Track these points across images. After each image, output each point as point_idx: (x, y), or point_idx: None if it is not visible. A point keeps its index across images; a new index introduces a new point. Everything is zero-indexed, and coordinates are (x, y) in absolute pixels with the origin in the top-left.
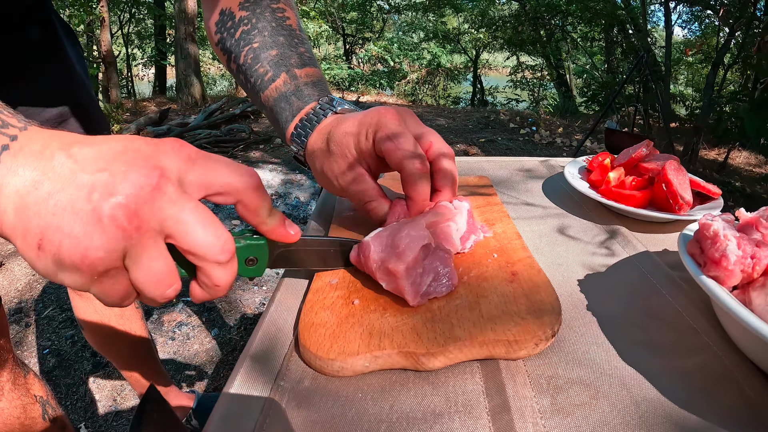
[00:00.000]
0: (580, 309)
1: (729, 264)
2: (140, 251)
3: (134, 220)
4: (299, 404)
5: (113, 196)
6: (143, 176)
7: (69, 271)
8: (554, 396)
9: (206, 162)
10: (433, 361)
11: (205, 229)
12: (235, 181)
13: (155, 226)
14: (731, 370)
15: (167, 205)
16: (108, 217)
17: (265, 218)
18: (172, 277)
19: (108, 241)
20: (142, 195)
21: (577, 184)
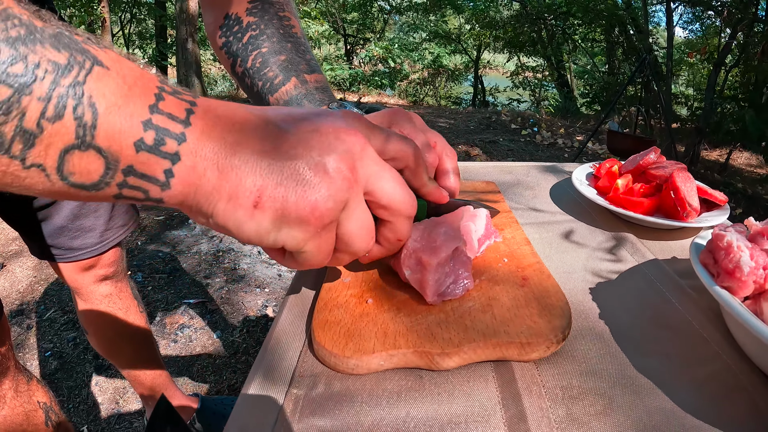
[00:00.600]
0: (590, 318)
1: (743, 275)
2: (357, 203)
3: (354, 171)
4: (313, 412)
5: (334, 152)
6: (353, 137)
7: (293, 225)
8: (569, 406)
9: (381, 132)
10: (448, 361)
11: (401, 186)
12: (405, 148)
13: (363, 180)
14: (741, 379)
15: (372, 163)
16: (334, 169)
17: (426, 181)
18: (373, 229)
19: (337, 191)
20: (356, 152)
21: (585, 191)
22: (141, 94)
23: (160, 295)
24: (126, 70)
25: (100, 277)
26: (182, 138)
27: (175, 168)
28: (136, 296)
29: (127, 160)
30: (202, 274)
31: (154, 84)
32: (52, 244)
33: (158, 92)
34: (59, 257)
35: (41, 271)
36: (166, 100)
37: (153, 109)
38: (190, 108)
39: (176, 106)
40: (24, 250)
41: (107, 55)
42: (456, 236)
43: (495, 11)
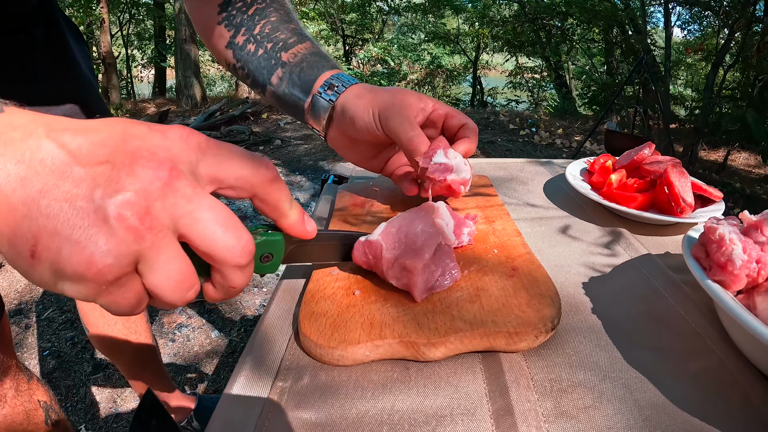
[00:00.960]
0: (582, 312)
1: (735, 269)
2: (156, 254)
3: (146, 219)
4: (298, 404)
5: (120, 193)
6: (152, 169)
7: (71, 281)
8: (558, 399)
9: (218, 152)
10: (434, 351)
11: (225, 229)
12: (250, 174)
13: (169, 224)
14: (735, 374)
15: (181, 202)
16: (115, 217)
17: (286, 212)
18: (191, 279)
19: (117, 244)
20: (153, 191)
21: (579, 186)
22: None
23: None
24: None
25: None
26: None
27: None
28: None
29: None
30: None
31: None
32: None
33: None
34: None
35: None
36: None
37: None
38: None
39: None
40: None
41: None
42: (435, 231)
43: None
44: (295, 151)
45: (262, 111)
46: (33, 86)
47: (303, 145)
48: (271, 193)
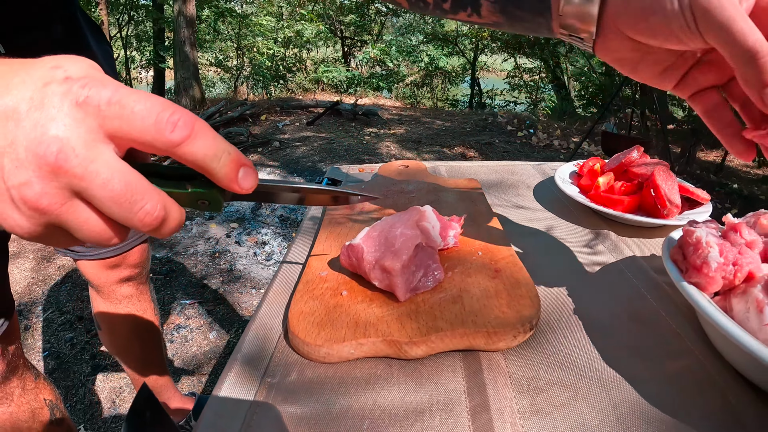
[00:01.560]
0: (564, 312)
1: (710, 271)
2: (65, 221)
3: (43, 199)
4: (285, 399)
5: (18, 177)
6: (40, 153)
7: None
8: (534, 397)
9: (120, 113)
10: (415, 349)
11: (119, 205)
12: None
13: (67, 196)
14: (713, 374)
15: (74, 180)
16: (18, 199)
17: (212, 170)
18: (110, 230)
19: (28, 219)
20: (44, 174)
21: (567, 189)
22: None
23: (157, 296)
24: None
25: (123, 278)
26: None
27: None
28: (154, 299)
29: None
30: (198, 275)
31: None
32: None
33: None
34: (82, 254)
35: (39, 272)
36: None
37: None
38: None
39: None
40: (22, 251)
41: None
42: (414, 234)
43: None
44: (293, 153)
45: (261, 113)
46: None
47: (301, 147)
48: (184, 155)
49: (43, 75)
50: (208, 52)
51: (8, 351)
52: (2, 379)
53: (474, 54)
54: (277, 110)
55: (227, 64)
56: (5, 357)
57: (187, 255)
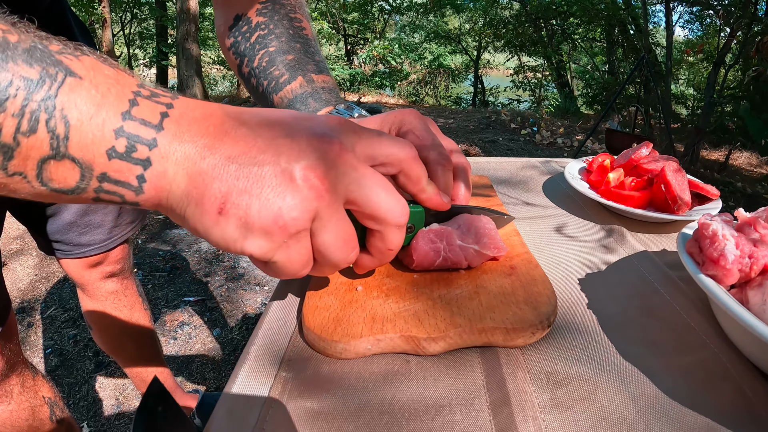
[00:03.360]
0: (579, 307)
1: (727, 263)
2: (330, 213)
3: (325, 181)
4: (301, 394)
5: (303, 159)
6: (326, 143)
7: (256, 235)
8: (553, 391)
9: (370, 135)
10: (434, 345)
11: (386, 192)
12: (397, 152)
13: (341, 189)
14: (728, 367)
15: (350, 170)
16: (301, 177)
17: (425, 186)
18: (355, 240)
19: (302, 200)
20: (329, 159)
21: (577, 185)
22: (115, 101)
23: (160, 293)
24: (100, 78)
25: (106, 274)
26: (153, 143)
27: (146, 173)
28: (141, 294)
29: (100, 168)
30: (201, 273)
31: (130, 89)
32: (61, 240)
33: (133, 97)
34: (67, 253)
35: (42, 270)
36: (140, 105)
37: (126, 116)
38: (166, 111)
39: (150, 110)
40: (25, 248)
41: (82, 64)
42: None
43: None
44: None
45: None
46: None
47: None
48: (414, 169)
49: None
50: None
51: (6, 349)
52: (1, 377)
53: (477, 52)
54: None
55: None
56: (4, 355)
57: (190, 252)
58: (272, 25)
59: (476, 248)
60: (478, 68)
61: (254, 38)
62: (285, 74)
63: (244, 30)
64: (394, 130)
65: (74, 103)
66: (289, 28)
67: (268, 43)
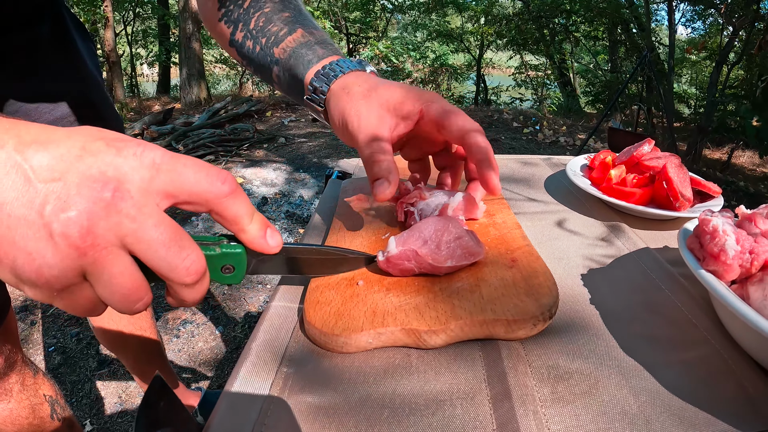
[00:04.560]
0: (580, 302)
1: (727, 258)
2: (100, 269)
3: (88, 237)
4: (302, 389)
5: (65, 212)
6: (96, 190)
7: (28, 285)
8: (554, 385)
9: (173, 167)
10: (435, 338)
11: (167, 249)
12: (203, 190)
13: (114, 241)
14: (729, 363)
15: (125, 221)
16: (59, 234)
17: (244, 227)
18: (139, 291)
19: (62, 259)
20: (96, 210)
21: (579, 181)
22: None
23: (162, 291)
24: None
25: None
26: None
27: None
28: None
29: None
30: None
31: None
32: None
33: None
34: None
35: None
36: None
37: None
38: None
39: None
40: None
41: None
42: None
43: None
44: (299, 148)
45: (266, 109)
46: (39, 82)
47: (307, 143)
48: (227, 208)
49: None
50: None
51: (5, 347)
52: (1, 375)
53: (479, 51)
54: (282, 106)
55: (233, 60)
56: (2, 353)
57: None
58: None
59: (451, 263)
60: (481, 67)
61: (247, 4)
62: (284, 28)
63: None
64: (418, 104)
65: None
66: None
67: (263, 6)
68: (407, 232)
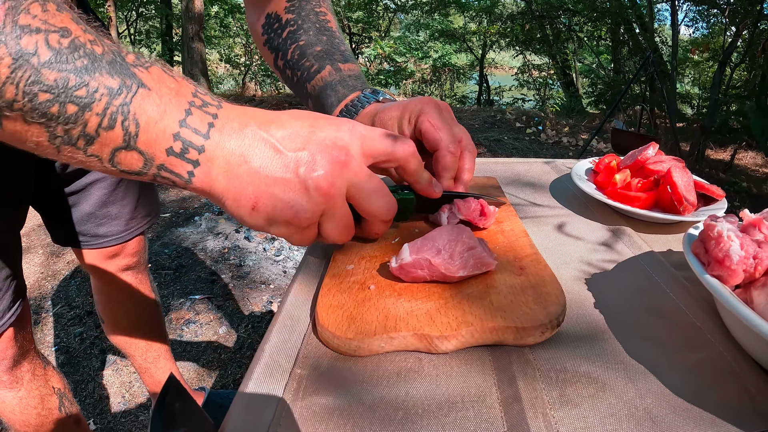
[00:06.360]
0: (586, 306)
1: (732, 264)
2: (334, 210)
3: (332, 189)
4: (316, 391)
5: (316, 171)
6: (335, 154)
7: (281, 225)
8: (563, 388)
9: (373, 137)
10: (446, 343)
11: (377, 196)
12: (395, 152)
13: (345, 191)
14: (733, 366)
15: (352, 176)
16: (314, 188)
17: (419, 178)
18: (351, 227)
19: (314, 204)
20: (337, 169)
21: (584, 186)
22: (174, 110)
23: (167, 291)
24: (164, 89)
25: (122, 267)
26: (202, 149)
27: (195, 170)
28: (154, 289)
29: (160, 160)
30: (207, 271)
31: (187, 100)
32: (79, 231)
33: (188, 107)
34: (85, 244)
35: (48, 267)
36: (194, 114)
37: (182, 124)
38: (212, 121)
39: (201, 120)
40: (32, 246)
41: (151, 76)
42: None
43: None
44: None
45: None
46: None
47: None
48: (410, 165)
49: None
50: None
51: (20, 335)
52: (13, 363)
53: (482, 50)
54: (285, 106)
55: (236, 60)
56: (17, 341)
57: (196, 250)
58: (300, 21)
59: (463, 273)
60: (483, 67)
61: (285, 34)
62: (315, 65)
63: (276, 27)
64: (413, 118)
65: (144, 109)
66: (315, 23)
67: (298, 38)
68: (420, 240)
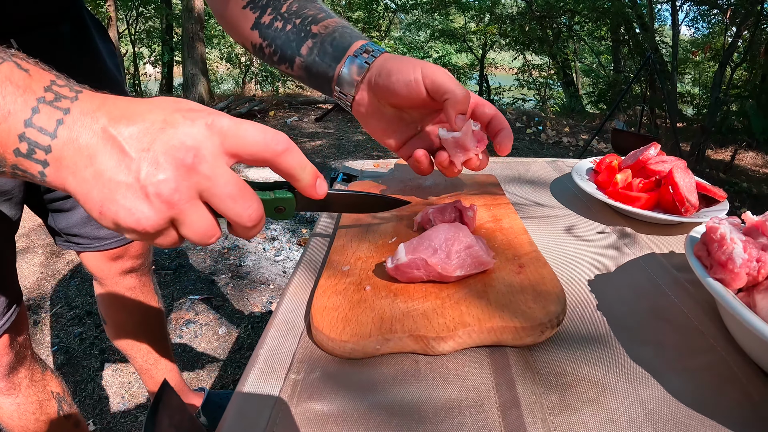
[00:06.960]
0: (587, 308)
1: (735, 267)
2: (184, 216)
3: (175, 195)
4: (311, 396)
5: (156, 176)
6: (181, 156)
7: (127, 231)
8: (562, 393)
9: (237, 132)
10: (443, 345)
11: (234, 201)
12: (262, 149)
13: (194, 196)
14: (735, 370)
15: (202, 180)
16: (154, 194)
17: (298, 176)
18: (213, 230)
19: (156, 212)
20: (180, 173)
21: (585, 186)
22: (20, 109)
23: (166, 291)
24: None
25: (126, 269)
26: (48, 149)
27: (45, 170)
28: (157, 291)
29: (11, 161)
30: (207, 271)
31: (35, 96)
32: (79, 234)
33: (36, 105)
34: (86, 246)
35: (48, 268)
36: (41, 112)
37: (27, 123)
38: (62, 118)
39: (49, 118)
40: (31, 246)
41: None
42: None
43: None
44: (302, 148)
45: (269, 109)
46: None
47: (310, 143)
48: (281, 163)
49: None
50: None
51: (16, 341)
52: (10, 369)
53: (482, 50)
54: (285, 106)
55: (236, 60)
56: (13, 347)
57: (196, 250)
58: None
59: (460, 273)
60: (483, 67)
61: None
62: (321, 13)
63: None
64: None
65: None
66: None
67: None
68: (417, 240)
